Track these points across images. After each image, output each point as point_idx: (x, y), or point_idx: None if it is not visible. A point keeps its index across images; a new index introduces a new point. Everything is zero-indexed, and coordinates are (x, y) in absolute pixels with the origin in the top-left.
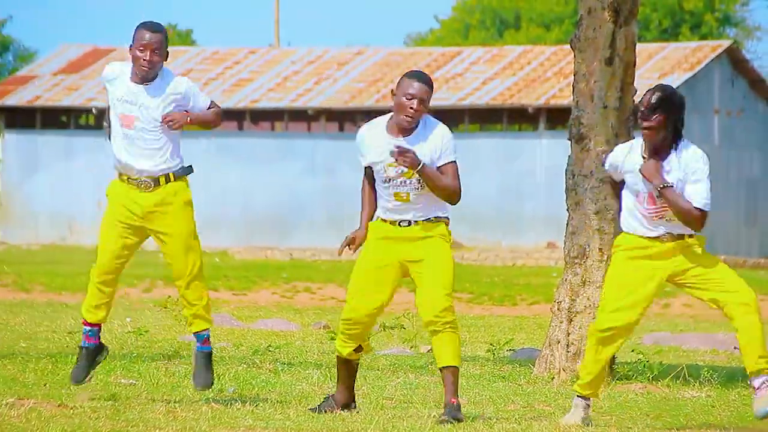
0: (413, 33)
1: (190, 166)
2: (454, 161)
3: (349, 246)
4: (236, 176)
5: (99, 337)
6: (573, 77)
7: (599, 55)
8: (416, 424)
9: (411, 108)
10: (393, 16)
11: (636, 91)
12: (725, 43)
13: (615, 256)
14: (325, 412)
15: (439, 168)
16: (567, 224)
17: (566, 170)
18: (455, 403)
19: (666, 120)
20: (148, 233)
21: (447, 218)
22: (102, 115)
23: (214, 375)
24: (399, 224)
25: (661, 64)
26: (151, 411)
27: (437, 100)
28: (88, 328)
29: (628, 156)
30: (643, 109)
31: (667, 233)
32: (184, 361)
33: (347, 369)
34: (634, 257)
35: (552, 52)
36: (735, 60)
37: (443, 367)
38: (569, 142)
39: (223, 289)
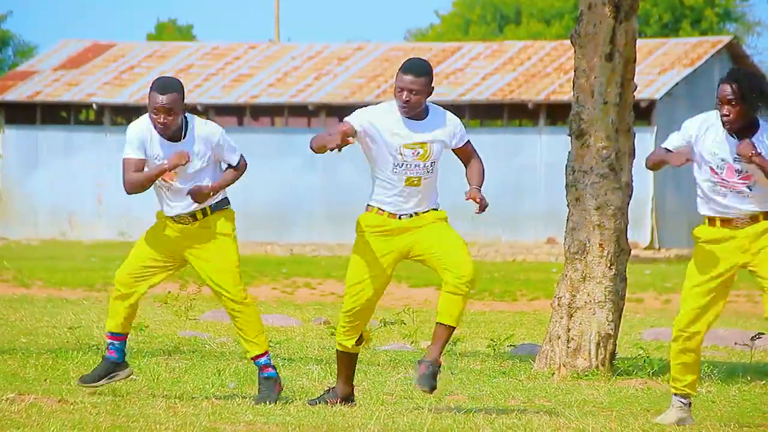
0: (413, 28)
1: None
2: (469, 140)
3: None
4: None
5: (122, 353)
6: (573, 73)
7: (599, 51)
8: (416, 419)
9: (402, 99)
10: (393, 12)
11: (636, 86)
12: (725, 39)
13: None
14: (325, 402)
15: (460, 149)
16: (567, 220)
17: (566, 166)
18: (438, 362)
19: (745, 109)
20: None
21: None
22: (102, 110)
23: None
24: (400, 217)
25: (662, 59)
26: (151, 406)
27: (437, 95)
28: (109, 340)
29: (708, 131)
30: (722, 98)
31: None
32: (184, 356)
33: (348, 362)
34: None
35: (552, 48)
36: (735, 55)
37: (443, 324)
38: (569, 137)
39: None
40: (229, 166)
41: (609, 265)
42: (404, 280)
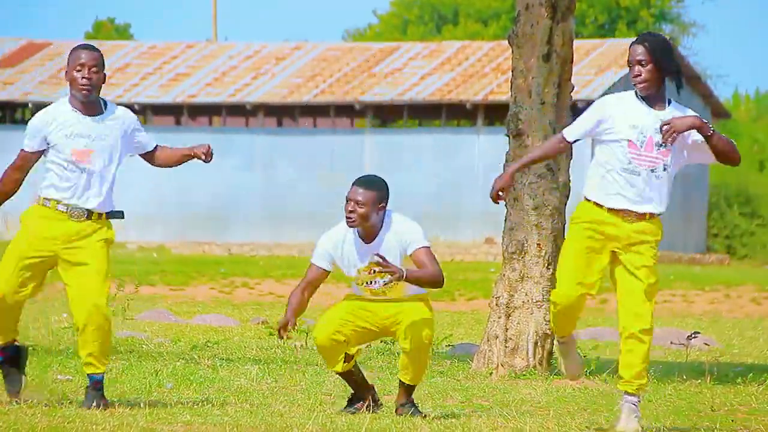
0: (352, 28)
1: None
2: (426, 246)
3: (280, 331)
4: (174, 171)
5: (7, 348)
6: (511, 73)
7: (537, 51)
8: (354, 419)
9: (348, 210)
10: (331, 12)
11: (573, 87)
12: None
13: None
14: (356, 409)
15: (411, 256)
16: (505, 220)
17: (504, 166)
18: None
19: (656, 70)
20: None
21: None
22: (38, 110)
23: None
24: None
25: (599, 60)
26: (88, 407)
27: (376, 95)
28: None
29: (626, 106)
30: (633, 60)
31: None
32: (121, 356)
33: (350, 377)
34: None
35: (490, 48)
36: None
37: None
38: (507, 138)
39: (160, 285)
40: (147, 153)
41: (547, 265)
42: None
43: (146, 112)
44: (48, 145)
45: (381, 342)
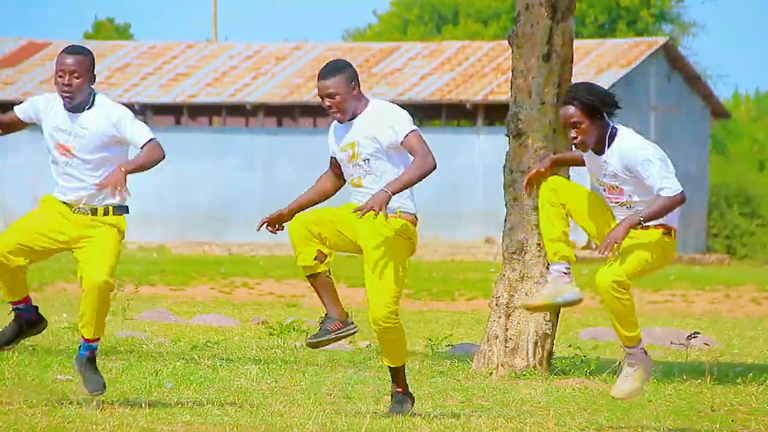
0: (352, 28)
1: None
2: (413, 130)
3: (268, 224)
4: (174, 171)
5: (22, 307)
6: (511, 73)
7: (537, 51)
8: (355, 420)
9: (326, 106)
10: (331, 12)
11: None
12: (661, 40)
13: None
14: (327, 332)
15: (402, 144)
16: (505, 220)
17: (504, 166)
18: (399, 391)
19: (591, 124)
20: None
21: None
22: None
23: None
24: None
25: (598, 60)
26: (88, 407)
27: (376, 95)
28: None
29: (589, 161)
30: (566, 123)
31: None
32: (121, 356)
33: (322, 283)
34: None
35: (490, 48)
36: (671, 56)
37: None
38: (507, 138)
39: (160, 285)
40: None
41: (547, 265)
42: (343, 279)
43: (146, 112)
44: (36, 124)
45: None
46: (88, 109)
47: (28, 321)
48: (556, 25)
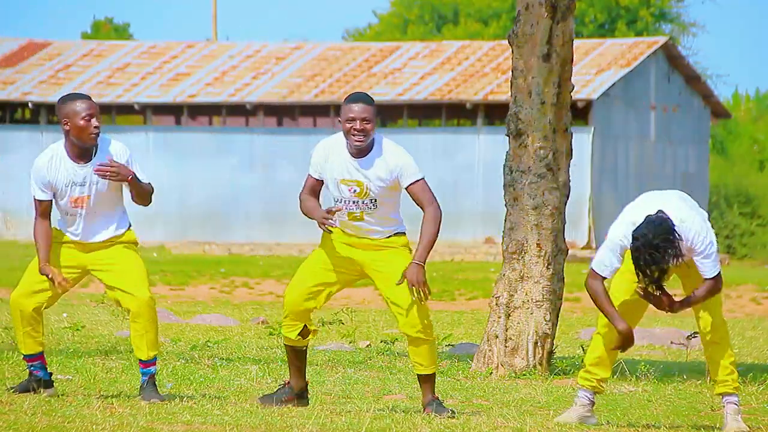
0: (352, 28)
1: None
2: (420, 179)
3: (325, 221)
4: (174, 171)
5: (36, 363)
6: (511, 73)
7: (537, 51)
8: (355, 419)
9: (355, 129)
10: (331, 11)
11: (573, 87)
12: (661, 40)
13: None
14: (280, 400)
15: (408, 189)
16: (505, 220)
17: (504, 166)
18: (435, 398)
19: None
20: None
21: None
22: (38, 109)
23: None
24: (358, 237)
25: (598, 60)
26: (88, 407)
27: (376, 95)
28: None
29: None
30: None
31: None
32: (121, 356)
33: (297, 355)
34: None
35: (490, 48)
36: (671, 56)
37: (420, 375)
38: (507, 137)
39: (160, 284)
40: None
41: (547, 264)
42: None
43: (146, 112)
44: (53, 194)
45: (381, 342)
46: (94, 156)
47: (38, 379)
48: (556, 25)
